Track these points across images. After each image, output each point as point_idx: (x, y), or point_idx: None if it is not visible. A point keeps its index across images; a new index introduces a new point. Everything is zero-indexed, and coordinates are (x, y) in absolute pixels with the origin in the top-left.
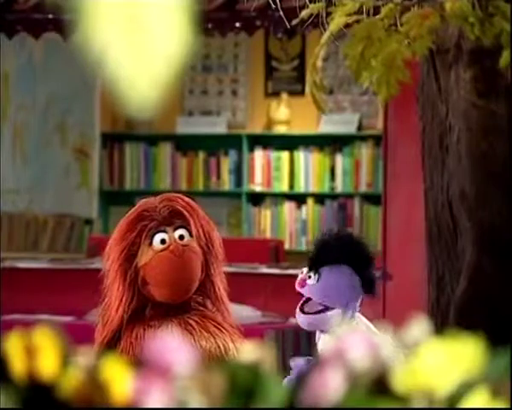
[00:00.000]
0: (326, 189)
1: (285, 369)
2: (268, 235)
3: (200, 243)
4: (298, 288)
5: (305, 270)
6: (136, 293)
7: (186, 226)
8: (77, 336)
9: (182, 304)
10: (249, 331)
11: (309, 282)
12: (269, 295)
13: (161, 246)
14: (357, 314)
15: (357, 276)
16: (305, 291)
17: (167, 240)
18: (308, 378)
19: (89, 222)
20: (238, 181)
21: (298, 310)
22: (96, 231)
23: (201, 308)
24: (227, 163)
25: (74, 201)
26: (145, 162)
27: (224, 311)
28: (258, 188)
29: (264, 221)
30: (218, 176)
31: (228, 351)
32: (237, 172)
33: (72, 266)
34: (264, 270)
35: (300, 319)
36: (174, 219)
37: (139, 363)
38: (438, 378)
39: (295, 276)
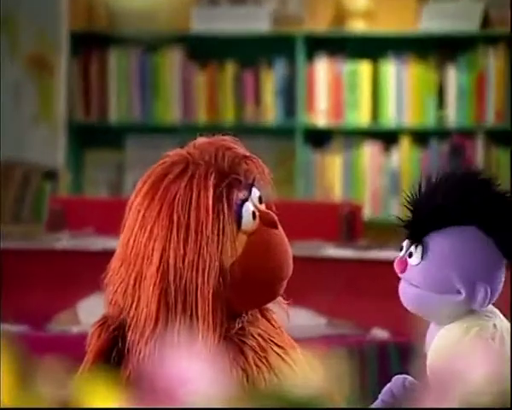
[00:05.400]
0: (430, 121)
1: (365, 400)
2: (337, 196)
3: (269, 204)
4: (399, 273)
5: (405, 244)
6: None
7: (254, 182)
8: (37, 351)
9: None
10: (307, 348)
11: (411, 262)
12: (339, 293)
13: (254, 223)
14: (494, 310)
15: (490, 238)
16: (409, 278)
17: (255, 211)
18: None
19: (51, 175)
20: (289, 109)
21: (403, 281)
22: (63, 188)
23: (259, 316)
24: (271, 81)
25: (28, 140)
26: (141, 79)
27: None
28: (321, 121)
29: (332, 173)
30: (258, 101)
31: None
32: (288, 94)
33: (27, 244)
34: (332, 252)
35: (404, 293)
36: (246, 176)
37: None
38: None
39: (381, 262)
